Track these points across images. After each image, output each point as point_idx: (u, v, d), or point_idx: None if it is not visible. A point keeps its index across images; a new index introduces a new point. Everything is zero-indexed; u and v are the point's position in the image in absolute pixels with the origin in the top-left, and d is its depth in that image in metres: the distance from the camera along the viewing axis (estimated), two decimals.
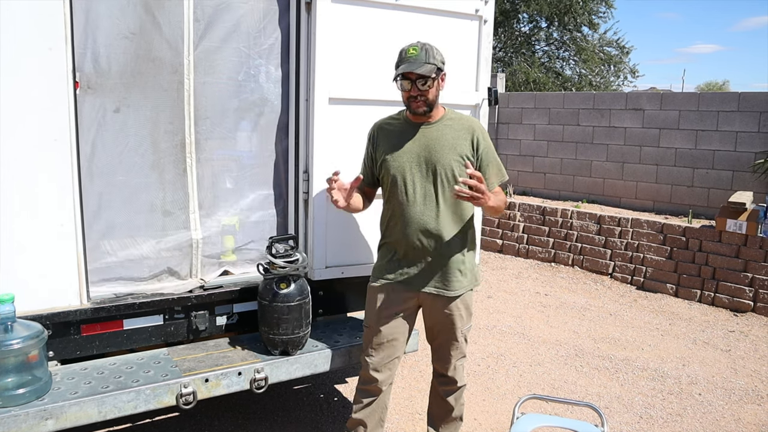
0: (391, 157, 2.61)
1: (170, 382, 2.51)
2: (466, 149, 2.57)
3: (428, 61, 2.46)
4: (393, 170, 2.59)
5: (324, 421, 3.45)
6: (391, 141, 2.63)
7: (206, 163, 2.92)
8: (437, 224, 2.55)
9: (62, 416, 2.28)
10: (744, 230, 5.72)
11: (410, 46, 2.50)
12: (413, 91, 2.49)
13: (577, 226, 7.00)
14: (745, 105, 6.87)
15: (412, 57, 2.46)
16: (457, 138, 2.57)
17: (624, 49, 17.28)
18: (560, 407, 3.60)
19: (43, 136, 2.37)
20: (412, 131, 2.61)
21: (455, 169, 2.54)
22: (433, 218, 2.55)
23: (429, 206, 2.55)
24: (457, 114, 2.67)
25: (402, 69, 2.46)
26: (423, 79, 2.46)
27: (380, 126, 2.71)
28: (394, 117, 2.71)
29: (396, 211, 2.61)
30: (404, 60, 2.49)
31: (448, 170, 2.54)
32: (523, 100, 8.96)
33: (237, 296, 2.94)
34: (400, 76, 2.48)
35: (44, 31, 2.32)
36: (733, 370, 4.38)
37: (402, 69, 2.46)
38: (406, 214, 2.57)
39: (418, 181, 2.56)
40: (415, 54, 2.46)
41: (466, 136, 2.59)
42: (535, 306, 5.76)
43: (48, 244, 2.44)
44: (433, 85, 2.50)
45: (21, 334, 2.23)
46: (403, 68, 2.46)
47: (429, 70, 2.46)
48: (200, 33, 2.79)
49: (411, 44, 2.51)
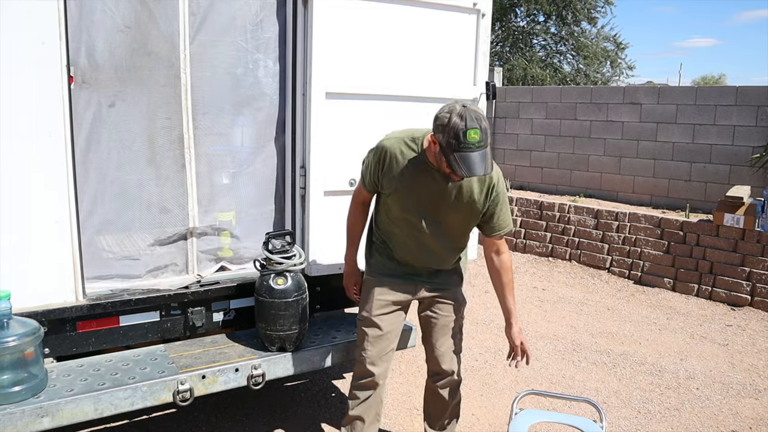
0: (401, 194, 2.45)
1: (167, 379, 2.50)
2: (477, 206, 2.46)
3: (488, 143, 2.16)
4: (401, 206, 2.48)
5: (321, 417, 3.45)
6: (404, 177, 2.41)
7: (203, 159, 2.90)
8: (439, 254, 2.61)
9: (58, 414, 2.27)
10: (741, 224, 5.72)
11: (470, 128, 2.10)
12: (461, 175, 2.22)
13: (575, 220, 7.00)
14: (742, 99, 6.86)
15: (474, 144, 2.11)
16: (471, 194, 2.43)
17: (620, 45, 17.26)
18: (558, 403, 3.60)
19: (37, 131, 2.35)
20: (428, 175, 2.38)
21: (469, 222, 2.54)
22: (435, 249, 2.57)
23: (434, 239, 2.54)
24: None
25: (468, 169, 2.13)
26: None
27: (394, 155, 2.42)
28: (410, 146, 2.40)
29: (397, 232, 2.58)
30: (464, 145, 2.11)
31: (461, 222, 2.53)
32: (520, 94, 8.94)
33: (234, 292, 2.92)
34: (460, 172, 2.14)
35: (38, 25, 2.29)
36: (731, 364, 4.39)
37: (468, 169, 2.13)
38: (409, 239, 2.56)
39: (426, 220, 2.49)
40: (477, 140, 2.11)
41: (483, 189, 2.44)
42: (533, 301, 5.76)
43: (43, 240, 2.42)
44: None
45: (16, 332, 2.22)
46: (468, 167, 2.13)
47: (492, 163, 2.22)
48: (196, 26, 2.76)
49: (467, 123, 2.10)
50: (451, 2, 3.10)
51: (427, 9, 3.04)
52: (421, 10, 3.03)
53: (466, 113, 2.13)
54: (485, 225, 2.54)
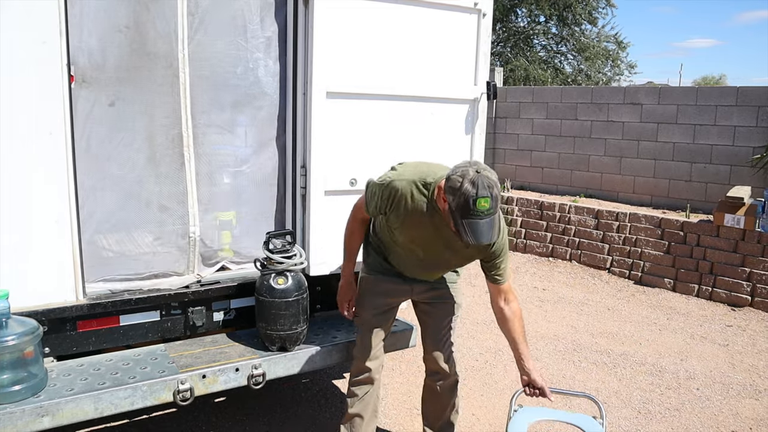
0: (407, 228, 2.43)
1: (167, 379, 2.50)
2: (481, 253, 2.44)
3: (497, 210, 2.11)
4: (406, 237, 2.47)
5: (322, 416, 3.45)
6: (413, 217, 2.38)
7: (204, 158, 2.89)
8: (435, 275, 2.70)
9: (58, 413, 2.26)
10: (742, 225, 5.72)
11: (480, 197, 2.03)
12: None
13: (575, 220, 6.99)
14: (743, 99, 6.86)
15: (483, 212, 2.05)
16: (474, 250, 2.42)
17: (621, 44, 17.26)
18: (558, 399, 3.59)
19: (37, 130, 2.35)
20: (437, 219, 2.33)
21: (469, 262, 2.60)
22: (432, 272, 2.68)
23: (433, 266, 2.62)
24: None
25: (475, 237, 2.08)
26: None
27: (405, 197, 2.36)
28: (421, 191, 2.34)
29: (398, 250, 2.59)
30: (473, 213, 2.05)
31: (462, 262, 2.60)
32: (521, 94, 8.93)
33: (234, 292, 2.92)
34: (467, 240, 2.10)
35: (38, 25, 2.29)
36: (731, 364, 4.38)
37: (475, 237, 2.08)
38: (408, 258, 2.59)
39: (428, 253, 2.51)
40: (487, 208, 2.05)
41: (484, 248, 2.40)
42: (533, 301, 5.76)
43: (43, 240, 2.42)
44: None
45: (16, 331, 2.21)
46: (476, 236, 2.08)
47: (499, 229, 2.20)
48: (195, 26, 2.76)
49: (479, 191, 2.03)
50: (452, 2, 3.10)
51: (428, 8, 3.04)
52: (422, 10, 3.02)
53: (478, 180, 2.05)
54: (486, 271, 2.51)
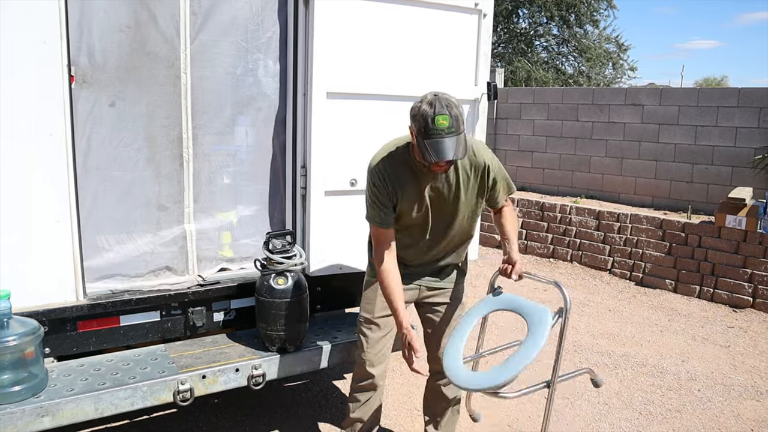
0: (407, 203, 2.41)
1: (167, 379, 2.50)
2: (475, 193, 2.47)
3: (459, 130, 2.11)
4: (410, 216, 2.45)
5: (322, 417, 3.44)
6: (405, 188, 2.38)
7: (203, 158, 2.90)
8: (445, 252, 2.62)
9: (58, 413, 2.27)
10: (743, 226, 5.71)
11: (437, 113, 2.06)
12: (442, 166, 2.21)
13: (576, 221, 6.99)
14: (744, 101, 6.85)
15: (444, 131, 2.06)
16: (468, 184, 2.43)
17: (622, 47, 17.27)
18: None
19: (38, 130, 2.35)
20: (423, 176, 2.37)
21: (475, 212, 2.54)
22: (442, 248, 2.60)
23: (441, 241, 2.56)
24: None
25: (437, 153, 2.09)
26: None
27: (390, 171, 2.37)
28: (398, 158, 2.37)
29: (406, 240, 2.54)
30: (433, 133, 2.07)
31: (467, 215, 2.52)
32: (522, 95, 8.93)
33: (234, 292, 2.92)
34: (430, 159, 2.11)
35: (39, 25, 2.30)
36: (733, 366, 4.37)
37: (437, 153, 2.09)
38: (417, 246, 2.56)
39: (435, 225, 2.50)
40: (446, 125, 2.06)
41: (478, 176, 2.43)
42: (537, 297, 5.74)
43: (44, 240, 2.42)
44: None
45: (17, 331, 2.22)
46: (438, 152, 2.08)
47: (464, 148, 2.14)
48: (197, 26, 2.76)
49: (436, 109, 2.07)
50: (453, 2, 3.10)
51: (429, 9, 3.04)
52: (422, 10, 3.02)
53: (435, 101, 2.10)
54: (491, 200, 2.54)
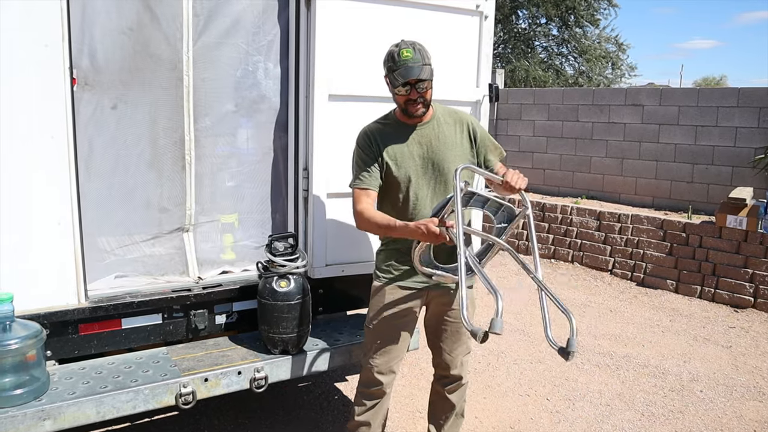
0: (394, 162, 2.50)
1: (169, 382, 2.49)
2: (465, 143, 2.57)
3: (425, 62, 2.38)
4: (399, 175, 2.51)
5: (324, 419, 3.44)
6: (391, 145, 2.52)
7: (205, 160, 2.89)
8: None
9: (60, 417, 2.26)
10: (744, 226, 5.71)
11: (401, 48, 2.38)
12: (413, 95, 2.41)
13: (577, 222, 6.99)
14: (744, 100, 6.85)
15: (408, 60, 2.35)
16: (454, 134, 2.56)
17: (622, 46, 17.28)
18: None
19: (39, 132, 2.34)
20: (408, 133, 2.53)
21: (466, 156, 2.56)
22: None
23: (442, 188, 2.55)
24: (445, 108, 2.63)
25: (403, 75, 2.36)
26: (422, 81, 2.39)
27: (375, 131, 2.55)
28: (383, 121, 2.59)
29: (403, 214, 2.53)
30: (399, 64, 2.37)
31: (459, 157, 2.53)
32: (522, 96, 8.93)
33: (236, 295, 2.91)
34: (399, 82, 2.37)
35: (40, 27, 2.29)
36: (734, 366, 4.37)
37: (403, 75, 2.36)
38: (415, 216, 2.52)
39: (425, 183, 2.52)
40: (410, 56, 2.36)
41: (462, 129, 2.58)
42: (536, 303, 5.69)
43: (45, 243, 2.41)
44: (431, 86, 2.45)
45: (19, 334, 2.21)
46: (404, 73, 2.36)
47: (429, 72, 2.40)
48: (199, 28, 2.76)
49: (401, 46, 2.39)
50: (454, 4, 3.10)
51: (430, 11, 3.04)
52: (424, 12, 3.02)
53: (401, 41, 2.42)
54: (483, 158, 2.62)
